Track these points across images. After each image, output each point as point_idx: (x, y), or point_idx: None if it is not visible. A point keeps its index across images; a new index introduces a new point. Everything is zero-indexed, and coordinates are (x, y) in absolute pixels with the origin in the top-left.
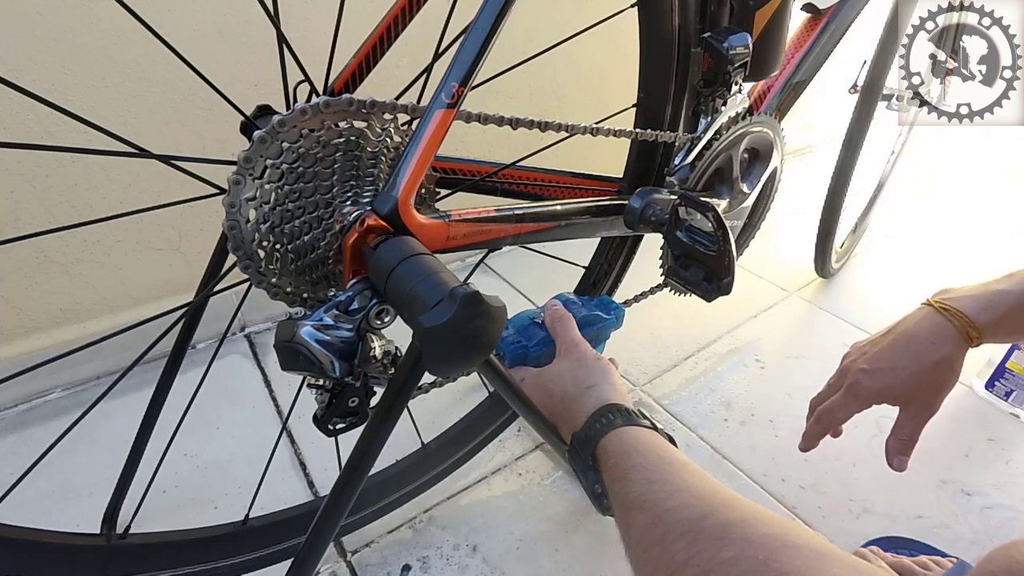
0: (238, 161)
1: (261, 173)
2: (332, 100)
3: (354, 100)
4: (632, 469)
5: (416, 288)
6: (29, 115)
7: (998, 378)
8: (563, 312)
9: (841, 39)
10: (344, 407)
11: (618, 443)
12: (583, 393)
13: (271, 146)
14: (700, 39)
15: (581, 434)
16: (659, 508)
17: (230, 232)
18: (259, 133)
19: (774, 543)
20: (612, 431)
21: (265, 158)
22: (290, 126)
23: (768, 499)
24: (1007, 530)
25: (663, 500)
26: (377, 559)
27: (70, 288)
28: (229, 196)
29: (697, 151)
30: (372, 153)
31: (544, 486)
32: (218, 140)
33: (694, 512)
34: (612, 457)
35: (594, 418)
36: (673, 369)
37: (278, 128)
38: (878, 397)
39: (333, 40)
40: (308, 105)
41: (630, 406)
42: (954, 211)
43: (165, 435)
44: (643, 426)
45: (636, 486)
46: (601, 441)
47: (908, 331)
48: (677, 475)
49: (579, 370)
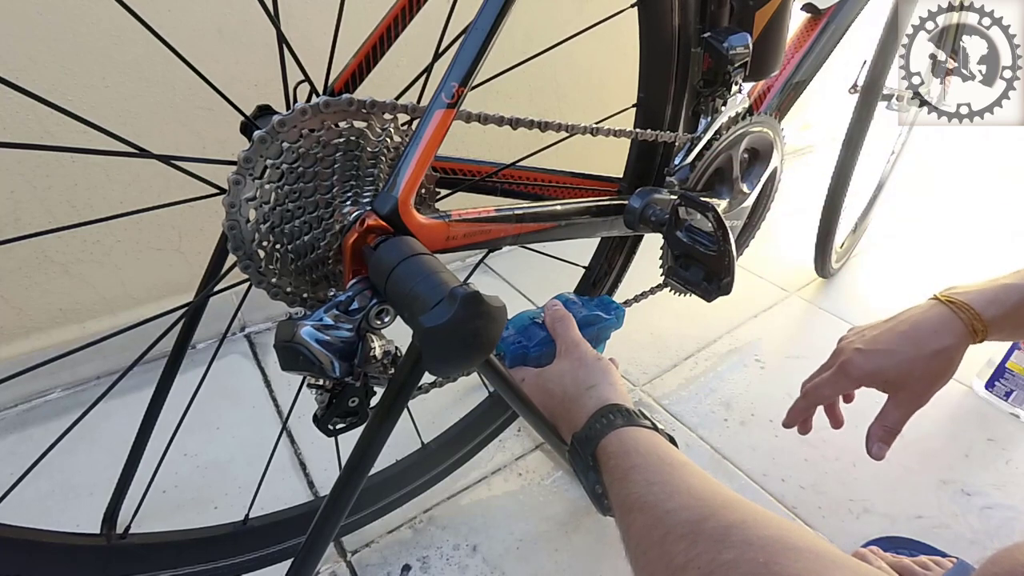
0: (238, 161)
1: (261, 173)
2: (332, 100)
3: (354, 100)
4: (632, 470)
5: (416, 288)
6: (29, 115)
7: (998, 378)
8: (563, 312)
9: (841, 39)
10: (344, 407)
11: (618, 444)
12: (583, 393)
13: (271, 146)
14: (700, 39)
15: (581, 434)
16: (659, 510)
17: (230, 232)
18: (259, 133)
19: (775, 545)
20: (612, 431)
21: (265, 158)
22: (290, 126)
23: (768, 499)
24: (1007, 530)
25: (663, 502)
26: (377, 559)
27: (70, 288)
28: (229, 196)
29: (697, 151)
30: (372, 153)
31: (544, 486)
32: (218, 140)
33: (694, 514)
34: (612, 458)
35: (594, 418)
36: (673, 369)
37: (278, 128)
38: (868, 379)
39: (333, 40)
40: (308, 105)
41: (631, 406)
42: (954, 211)
43: (165, 435)
44: (644, 426)
45: (636, 487)
46: (601, 441)
47: (912, 318)
48: (677, 476)
49: (579, 370)
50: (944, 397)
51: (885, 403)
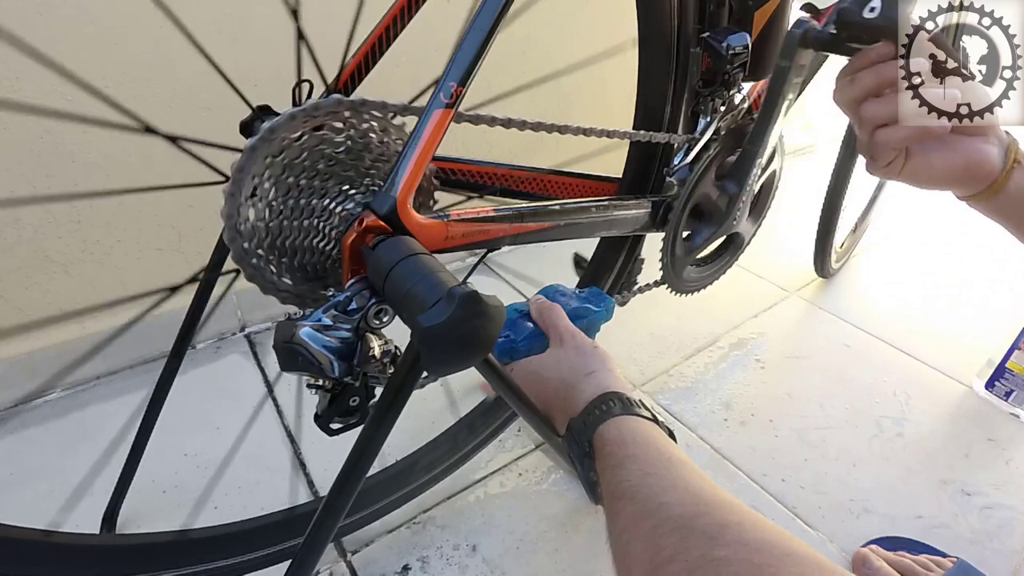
0: (244, 150)
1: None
2: (330, 101)
3: (366, 101)
4: (628, 459)
5: (414, 288)
6: (29, 115)
7: (998, 378)
8: (549, 303)
9: None
10: (344, 407)
11: (616, 432)
12: (582, 379)
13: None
14: (699, 39)
15: (579, 420)
16: (652, 502)
17: (228, 221)
18: (267, 125)
19: (772, 548)
20: (611, 419)
21: (267, 156)
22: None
23: (768, 499)
24: (1007, 530)
25: (657, 494)
26: (377, 559)
27: (70, 288)
28: (231, 185)
29: (696, 151)
30: (372, 153)
31: (544, 486)
32: (218, 140)
33: (689, 510)
34: (608, 444)
35: (593, 404)
36: (673, 369)
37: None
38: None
39: (349, 37)
40: (308, 104)
41: (630, 395)
42: (954, 211)
43: (166, 435)
44: (644, 417)
45: (630, 476)
46: (599, 428)
47: None
48: (675, 471)
49: (577, 357)
50: (944, 397)
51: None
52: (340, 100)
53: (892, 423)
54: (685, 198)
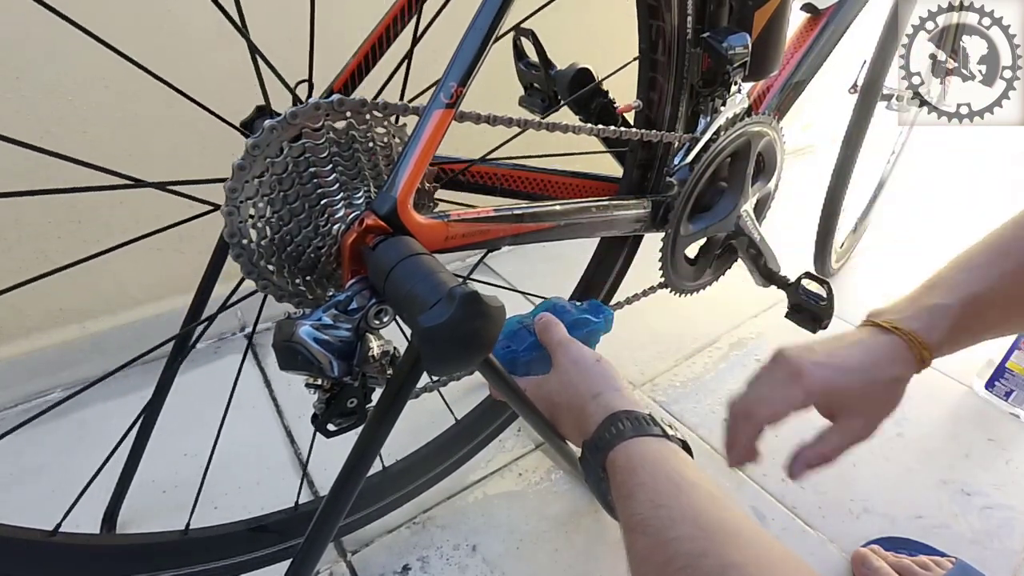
0: (233, 168)
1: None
2: (332, 101)
3: (366, 102)
4: (638, 488)
5: (414, 288)
6: (30, 114)
7: (998, 378)
8: (552, 320)
9: (841, 39)
10: (343, 407)
11: (625, 458)
12: (589, 403)
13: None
14: (699, 39)
15: (591, 444)
16: (662, 536)
17: (228, 218)
18: (269, 123)
19: None
20: (620, 443)
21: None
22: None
23: (768, 499)
24: (1007, 530)
25: (667, 528)
26: (377, 559)
27: (70, 288)
28: (232, 181)
29: (696, 151)
30: (372, 153)
31: (544, 486)
32: (218, 139)
33: (696, 547)
34: (619, 473)
35: (603, 427)
36: (673, 369)
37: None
38: (825, 396)
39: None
40: (312, 103)
41: (639, 411)
42: (954, 211)
43: (166, 435)
44: (654, 435)
45: (641, 508)
46: (610, 454)
47: (864, 342)
48: (684, 500)
49: (581, 379)
50: (944, 397)
51: (827, 430)
52: (342, 100)
53: (892, 423)
54: (685, 198)
